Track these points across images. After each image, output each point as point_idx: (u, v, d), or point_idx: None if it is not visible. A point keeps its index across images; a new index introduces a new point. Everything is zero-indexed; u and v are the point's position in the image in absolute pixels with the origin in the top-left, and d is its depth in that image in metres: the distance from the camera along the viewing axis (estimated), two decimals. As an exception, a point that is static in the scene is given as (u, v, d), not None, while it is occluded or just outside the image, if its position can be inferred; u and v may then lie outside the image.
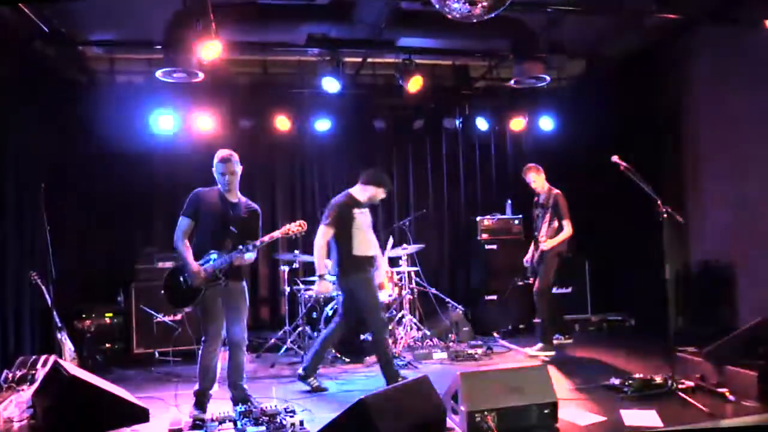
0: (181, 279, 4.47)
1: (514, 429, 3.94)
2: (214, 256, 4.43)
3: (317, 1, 6.00)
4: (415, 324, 7.03)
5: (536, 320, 6.76)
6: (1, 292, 5.56)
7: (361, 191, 5.42)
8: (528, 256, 6.58)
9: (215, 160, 4.55)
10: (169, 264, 6.36)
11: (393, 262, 7.22)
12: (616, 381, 4.92)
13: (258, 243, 4.50)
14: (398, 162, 8.63)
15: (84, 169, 7.23)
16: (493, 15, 4.73)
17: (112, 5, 5.86)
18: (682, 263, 6.91)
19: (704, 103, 7.11)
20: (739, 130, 6.56)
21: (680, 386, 4.65)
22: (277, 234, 4.56)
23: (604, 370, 5.59)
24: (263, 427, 4.10)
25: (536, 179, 6.48)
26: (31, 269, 5.65)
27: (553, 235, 6.31)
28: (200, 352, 4.53)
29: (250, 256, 4.51)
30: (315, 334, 6.72)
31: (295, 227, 4.60)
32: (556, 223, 6.33)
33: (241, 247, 4.44)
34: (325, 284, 5.38)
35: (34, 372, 4.77)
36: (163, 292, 4.56)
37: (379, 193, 5.44)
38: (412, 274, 7.11)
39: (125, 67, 7.49)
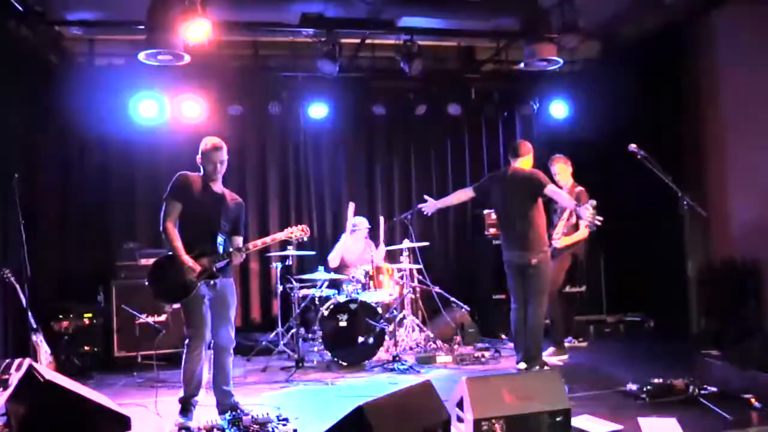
0: (172, 270, 4.38)
1: (523, 438, 3.92)
2: (208, 251, 4.40)
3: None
4: (418, 325, 7.01)
5: (546, 321, 6.75)
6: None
7: (526, 163, 5.75)
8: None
9: (207, 147, 4.49)
10: (153, 260, 6.32)
11: (394, 258, 7.20)
12: (634, 386, 4.90)
13: (259, 243, 4.53)
14: (399, 150, 8.60)
15: (61, 159, 7.20)
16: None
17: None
18: (704, 260, 6.88)
19: (728, 87, 7.06)
20: (766, 117, 6.51)
21: (702, 392, 4.64)
22: (280, 236, 4.59)
23: (621, 374, 5.56)
24: (253, 436, 4.10)
25: (562, 171, 6.51)
26: (4, 266, 5.62)
27: (569, 233, 6.33)
28: (185, 355, 4.49)
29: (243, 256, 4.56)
30: (310, 335, 6.72)
31: (299, 232, 4.60)
32: (573, 220, 6.33)
33: (241, 246, 4.49)
34: None
35: (7, 377, 4.71)
36: (147, 284, 4.44)
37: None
38: (415, 271, 7.09)
39: (105, 49, 7.44)
